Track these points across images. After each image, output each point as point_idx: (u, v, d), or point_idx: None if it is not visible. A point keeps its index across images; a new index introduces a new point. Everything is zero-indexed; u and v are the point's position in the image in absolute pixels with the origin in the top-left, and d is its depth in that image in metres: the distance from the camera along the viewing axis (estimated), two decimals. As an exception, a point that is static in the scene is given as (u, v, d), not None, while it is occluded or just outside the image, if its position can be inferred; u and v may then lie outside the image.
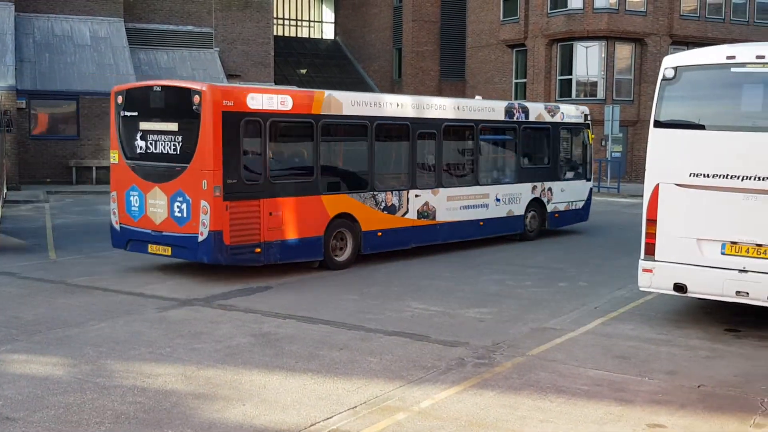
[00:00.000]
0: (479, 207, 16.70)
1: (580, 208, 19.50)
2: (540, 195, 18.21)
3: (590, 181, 19.94)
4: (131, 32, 33.29)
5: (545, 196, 18.35)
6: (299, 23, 52.66)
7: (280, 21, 50.72)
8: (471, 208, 16.51)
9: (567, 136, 19.10)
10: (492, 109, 17.30)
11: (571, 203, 19.14)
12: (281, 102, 13.02)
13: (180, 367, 8.10)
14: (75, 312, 10.42)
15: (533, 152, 18.54)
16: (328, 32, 52.66)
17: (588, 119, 19.57)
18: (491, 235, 17.16)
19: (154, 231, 12.89)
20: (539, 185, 18.18)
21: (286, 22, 51.97)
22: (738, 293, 9.50)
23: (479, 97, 19.06)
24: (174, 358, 8.42)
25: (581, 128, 19.36)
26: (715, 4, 36.93)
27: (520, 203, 17.70)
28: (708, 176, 9.59)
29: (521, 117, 17.72)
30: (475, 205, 16.62)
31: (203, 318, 10.24)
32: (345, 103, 14.09)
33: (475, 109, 16.87)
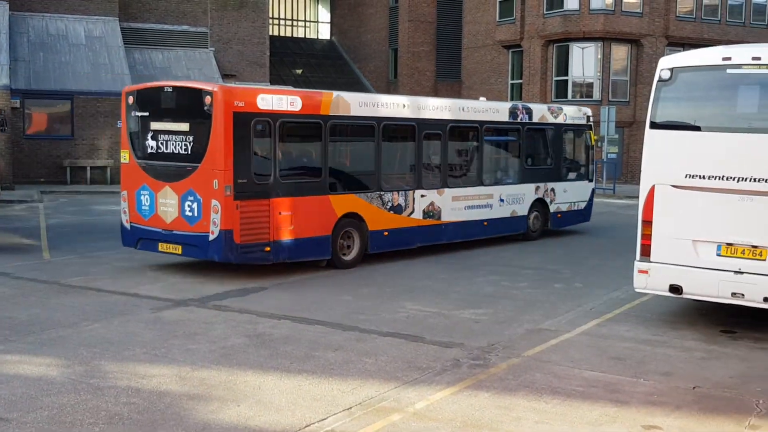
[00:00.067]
0: (483, 207, 16.83)
1: (582, 209, 19.63)
2: (543, 195, 18.34)
3: (592, 182, 20.07)
4: (126, 32, 33.22)
5: (548, 197, 18.48)
6: (295, 23, 52.64)
7: (276, 21, 50.67)
8: (475, 209, 16.64)
9: (570, 137, 19.24)
10: (496, 111, 17.44)
11: (574, 204, 19.27)
12: (291, 103, 13.15)
13: (174, 368, 8.08)
14: (69, 312, 10.39)
15: (536, 153, 18.67)
16: (324, 32, 52.64)
17: (590, 120, 19.72)
18: (495, 235, 17.27)
19: (165, 230, 13.00)
20: (542, 186, 18.31)
21: (282, 22, 51.93)
22: (733, 295, 9.51)
23: (483, 99, 19.19)
24: (168, 359, 8.40)
25: (583, 129, 19.48)
26: (711, 6, 37.00)
27: (524, 204, 17.83)
28: (704, 177, 9.59)
29: (525, 118, 17.86)
30: (480, 206, 16.74)
31: (198, 318, 10.21)
32: (353, 104, 14.23)
33: (480, 110, 17.00)
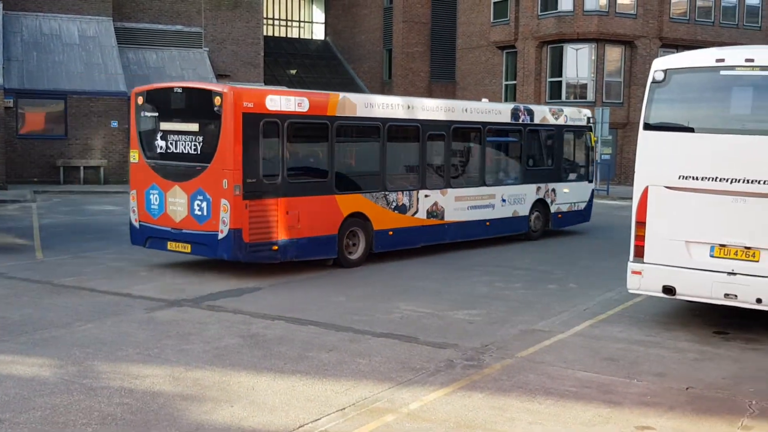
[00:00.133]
0: (486, 207, 17.00)
1: (582, 209, 19.82)
2: (544, 196, 18.51)
3: (592, 183, 20.24)
4: (120, 31, 33.13)
5: (549, 197, 18.65)
6: (289, 23, 52.60)
7: (270, 21, 50.63)
8: (478, 209, 16.81)
9: (570, 139, 19.40)
10: (498, 112, 17.63)
11: (574, 204, 19.46)
12: (298, 104, 13.30)
13: (168, 369, 8.06)
14: (62, 312, 10.36)
15: (537, 154, 18.83)
16: (318, 33, 52.61)
17: (590, 122, 19.88)
18: (497, 235, 17.43)
19: (174, 229, 13.13)
20: (543, 186, 18.48)
21: (276, 23, 51.89)
22: (726, 296, 9.53)
23: (486, 100, 19.35)
24: (162, 359, 8.38)
25: (584, 131, 19.66)
26: (705, 8, 37.09)
27: (525, 204, 18.00)
28: (697, 179, 9.61)
29: (526, 119, 18.04)
30: (482, 206, 16.92)
31: (191, 319, 10.19)
32: (359, 105, 14.41)
33: (482, 112, 17.17)
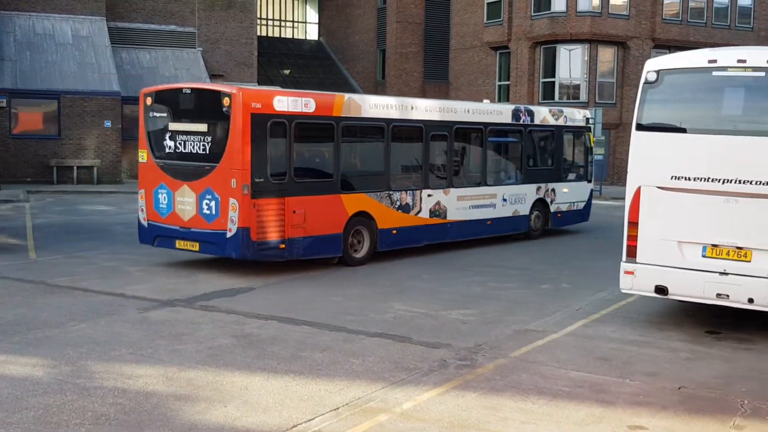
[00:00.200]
0: (487, 207, 17.23)
1: (581, 209, 20.05)
2: (544, 195, 18.73)
3: (591, 183, 20.43)
4: (113, 31, 33.07)
5: (549, 197, 18.86)
6: (283, 24, 52.56)
7: (264, 21, 50.60)
8: (479, 208, 17.03)
9: (570, 139, 19.63)
10: (500, 113, 17.84)
11: (573, 204, 19.69)
12: (305, 104, 13.50)
13: (161, 368, 8.06)
14: (55, 312, 10.35)
15: (538, 154, 19.07)
16: (312, 33, 52.59)
17: (589, 123, 20.13)
18: (498, 234, 17.65)
19: (183, 227, 13.31)
20: (543, 186, 18.70)
21: (270, 23, 51.85)
22: (718, 295, 9.57)
23: (487, 101, 19.49)
24: (155, 359, 8.38)
25: (583, 131, 19.90)
26: (697, 9, 37.18)
27: (525, 203, 18.22)
28: (689, 179, 9.65)
29: (527, 120, 18.25)
30: (484, 205, 17.14)
31: (185, 319, 10.19)
32: (364, 106, 14.64)
33: (484, 112, 17.41)
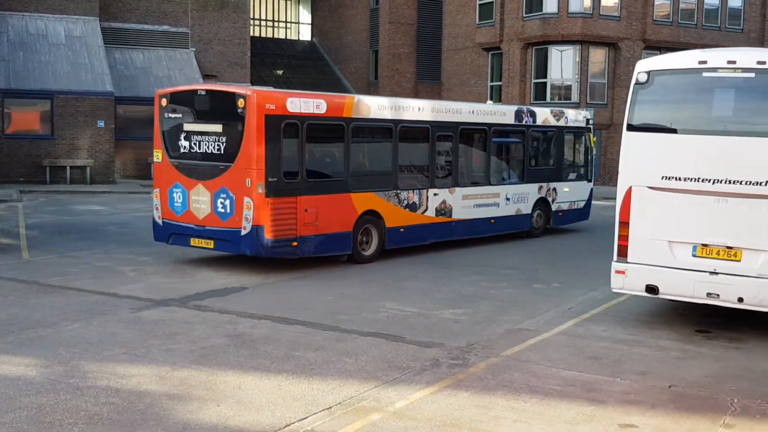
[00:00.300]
0: (491, 206, 17.56)
1: (582, 208, 20.37)
2: (545, 195, 19.05)
3: (591, 182, 20.73)
4: (106, 31, 33.00)
5: (550, 196, 19.19)
6: (276, 24, 52.53)
7: (257, 22, 50.57)
8: (484, 207, 17.37)
9: (570, 139, 19.94)
10: (503, 113, 18.22)
11: (574, 203, 20.02)
12: (317, 106, 13.81)
13: (154, 368, 8.08)
14: (48, 312, 10.35)
15: (540, 154, 19.37)
16: (305, 33, 52.57)
17: (590, 123, 20.43)
18: (501, 233, 17.95)
19: (197, 225, 13.58)
20: (545, 185, 19.01)
21: (263, 23, 51.82)
22: (709, 295, 9.63)
23: (491, 102, 19.68)
24: (148, 359, 8.39)
25: (583, 132, 20.22)
26: (688, 10, 37.29)
27: (528, 202, 18.54)
28: (680, 179, 9.71)
29: (529, 121, 18.57)
30: (488, 204, 17.46)
31: (178, 318, 10.21)
32: (372, 107, 14.97)
33: (488, 113, 17.76)
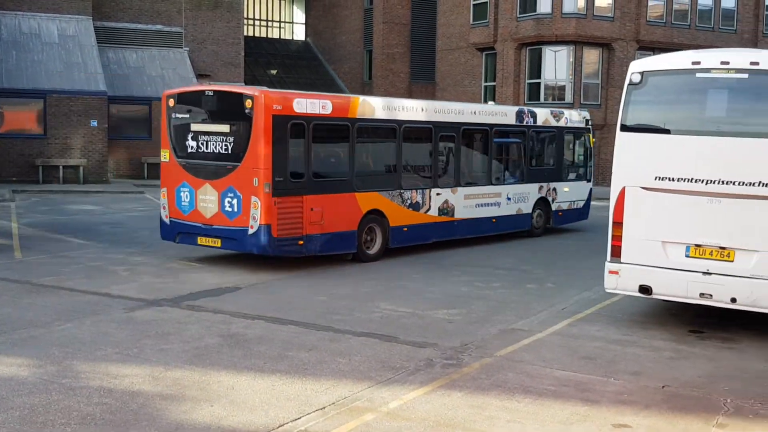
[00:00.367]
0: (492, 205, 17.76)
1: (581, 207, 20.57)
2: (546, 194, 19.24)
3: (590, 182, 20.90)
4: (100, 31, 32.93)
5: (550, 196, 19.40)
6: (270, 24, 52.49)
7: (251, 21, 50.51)
8: (485, 206, 17.56)
9: (570, 140, 20.11)
10: (504, 114, 18.41)
11: (573, 202, 20.26)
12: (323, 106, 13.97)
13: (147, 368, 8.06)
14: (41, 312, 10.32)
15: (540, 154, 19.56)
16: (299, 33, 52.53)
17: (589, 124, 20.62)
18: (502, 232, 18.13)
19: (205, 224, 13.75)
20: (545, 185, 19.21)
21: (257, 23, 51.76)
22: (702, 295, 9.65)
23: (492, 103, 19.77)
24: (141, 359, 8.37)
25: (583, 132, 20.41)
26: (681, 11, 37.38)
27: (528, 202, 18.75)
28: (673, 180, 9.73)
29: (530, 121, 18.76)
30: (489, 204, 17.66)
31: (171, 318, 10.18)
32: (377, 108, 15.17)
33: (490, 114, 17.99)
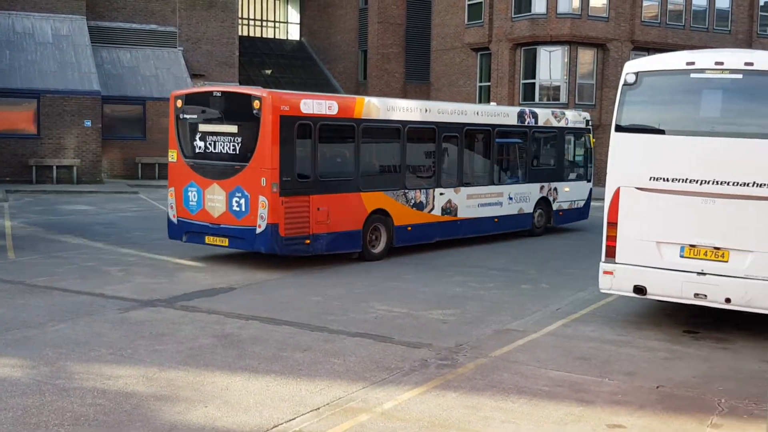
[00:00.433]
0: (494, 205, 17.92)
1: (582, 207, 20.78)
2: (547, 194, 19.42)
3: (590, 182, 21.06)
4: (94, 30, 32.85)
5: (551, 196, 19.59)
6: (264, 24, 52.43)
7: (245, 21, 50.45)
8: (487, 206, 17.73)
9: (571, 140, 20.30)
10: (506, 115, 18.61)
11: (574, 202, 20.47)
12: (329, 107, 14.16)
13: (141, 369, 8.04)
14: (34, 312, 10.28)
15: (541, 154, 19.76)
16: (294, 33, 52.49)
17: (589, 124, 20.84)
18: (504, 231, 18.29)
19: (213, 224, 13.91)
20: (546, 185, 19.40)
21: (251, 23, 51.71)
22: (696, 295, 9.66)
23: (494, 103, 19.86)
24: (135, 360, 8.35)
25: (583, 132, 20.63)
26: (676, 11, 37.44)
27: (530, 202, 18.93)
28: (668, 180, 9.74)
29: (531, 122, 18.93)
30: (491, 203, 17.83)
31: (165, 319, 10.16)
32: (382, 109, 15.38)
33: (492, 114, 18.15)
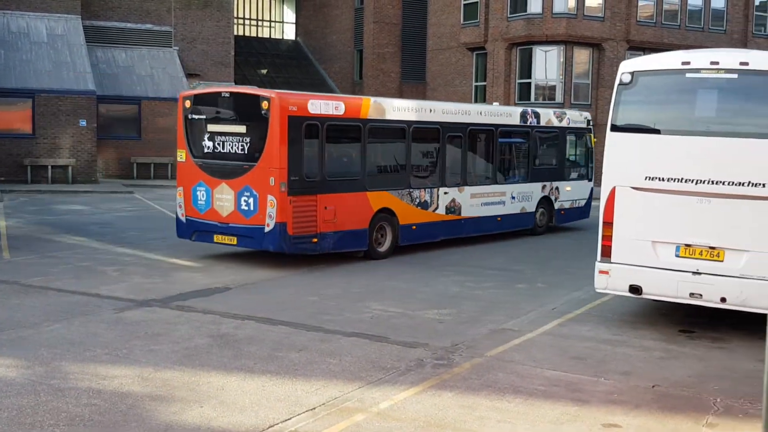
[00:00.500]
0: (497, 204, 18.09)
1: (583, 206, 20.85)
2: (548, 193, 19.56)
3: (591, 181, 21.07)
4: (89, 30, 32.80)
5: (553, 195, 19.73)
6: (260, 23, 52.40)
7: (241, 21, 50.41)
8: (490, 205, 17.91)
9: (572, 139, 20.43)
10: (509, 114, 18.80)
11: (575, 201, 20.57)
12: (336, 108, 14.36)
13: (137, 369, 8.03)
14: (29, 312, 10.26)
15: (543, 154, 19.86)
16: (289, 33, 52.46)
17: (590, 124, 20.92)
18: (507, 230, 18.45)
19: (221, 223, 14.03)
20: (548, 185, 19.55)
21: (247, 22, 51.67)
22: (692, 295, 9.67)
23: (497, 103, 19.93)
24: (131, 360, 8.34)
25: (584, 132, 20.72)
26: (671, 11, 37.49)
27: (532, 201, 19.07)
28: (663, 180, 9.75)
29: (534, 122, 19.08)
30: (494, 202, 18.00)
31: (161, 319, 10.15)
32: (387, 109, 15.54)
33: (495, 114, 18.34)
